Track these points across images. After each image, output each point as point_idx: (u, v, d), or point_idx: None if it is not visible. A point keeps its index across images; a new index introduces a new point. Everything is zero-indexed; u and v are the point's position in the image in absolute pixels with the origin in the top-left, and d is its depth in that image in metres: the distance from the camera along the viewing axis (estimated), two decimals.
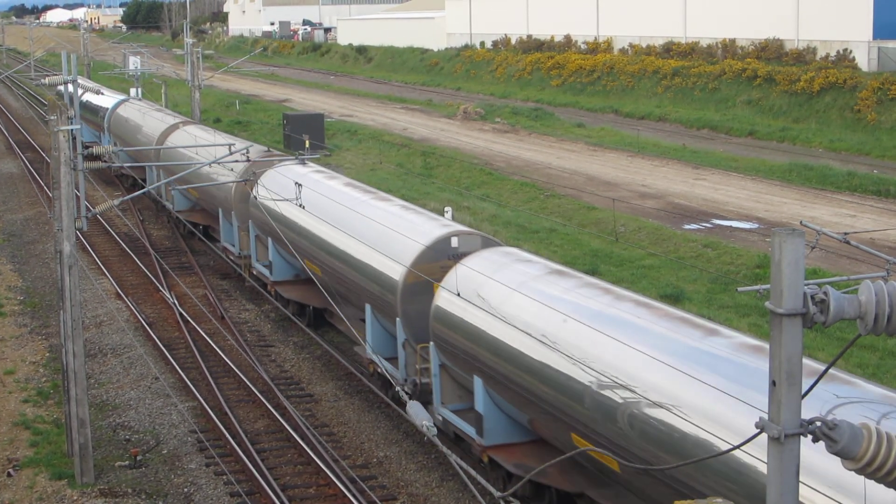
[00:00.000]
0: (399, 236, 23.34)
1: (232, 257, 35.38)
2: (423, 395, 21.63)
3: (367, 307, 24.27)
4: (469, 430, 19.90)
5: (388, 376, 20.84)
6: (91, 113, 59.30)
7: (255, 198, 30.44)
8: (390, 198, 27.58)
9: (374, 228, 24.78)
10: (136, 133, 48.42)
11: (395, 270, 22.65)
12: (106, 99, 58.58)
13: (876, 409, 11.91)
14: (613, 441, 15.07)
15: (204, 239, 39.74)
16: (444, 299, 20.31)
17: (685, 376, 14.18)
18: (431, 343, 20.95)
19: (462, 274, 20.10)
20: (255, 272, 33.33)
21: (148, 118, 48.80)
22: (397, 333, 22.74)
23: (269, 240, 31.25)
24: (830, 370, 12.27)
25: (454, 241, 21.96)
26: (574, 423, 16.08)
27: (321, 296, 27.33)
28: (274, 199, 29.14)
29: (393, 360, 23.65)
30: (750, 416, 12.18)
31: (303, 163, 32.18)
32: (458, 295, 19.73)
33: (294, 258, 28.94)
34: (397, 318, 22.56)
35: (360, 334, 24.55)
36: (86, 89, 62.82)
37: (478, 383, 19.18)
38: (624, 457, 14.74)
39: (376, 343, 24.11)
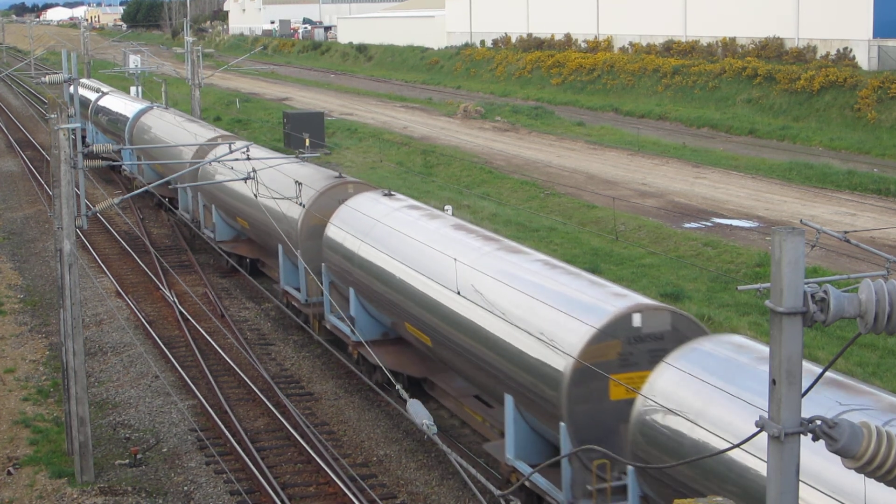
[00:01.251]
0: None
1: (296, 304, 29.62)
2: None
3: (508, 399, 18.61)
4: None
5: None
6: (109, 121, 54.32)
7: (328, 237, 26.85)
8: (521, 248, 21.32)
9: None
10: (164, 148, 41.44)
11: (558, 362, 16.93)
12: (127, 105, 53.43)
13: (880, 417, 11.87)
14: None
15: (250, 277, 35.23)
16: None
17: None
18: None
19: None
20: (328, 325, 27.45)
21: (179, 131, 42.02)
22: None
23: (351, 290, 25.77)
24: (830, 373, 12.27)
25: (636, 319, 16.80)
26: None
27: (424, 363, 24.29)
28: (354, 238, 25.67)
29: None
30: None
31: (389, 194, 26.50)
32: None
33: (385, 315, 24.71)
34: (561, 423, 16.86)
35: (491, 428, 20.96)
36: (101, 93, 58.38)
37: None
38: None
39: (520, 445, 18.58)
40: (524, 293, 18.29)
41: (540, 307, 17.72)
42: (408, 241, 23.38)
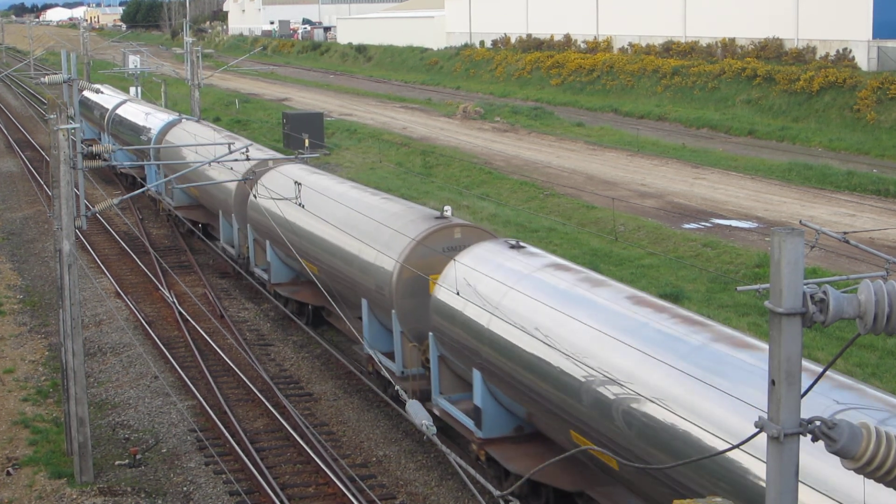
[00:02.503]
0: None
1: (386, 374, 25.41)
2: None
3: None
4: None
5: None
6: (131, 134, 49.24)
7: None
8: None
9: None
10: (201, 173, 35.62)
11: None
12: (150, 116, 48.13)
13: (876, 415, 11.88)
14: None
15: (312, 332, 30.14)
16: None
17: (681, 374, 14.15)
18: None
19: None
20: (437, 411, 22.84)
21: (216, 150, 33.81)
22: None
23: (476, 373, 20.43)
24: (830, 372, 12.29)
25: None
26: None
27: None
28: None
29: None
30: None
31: (517, 246, 20.58)
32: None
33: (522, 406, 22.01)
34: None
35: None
36: (120, 100, 53.66)
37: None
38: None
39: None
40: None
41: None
42: (565, 323, 17.12)
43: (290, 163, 32.96)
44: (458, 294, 19.80)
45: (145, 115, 49.31)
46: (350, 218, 25.63)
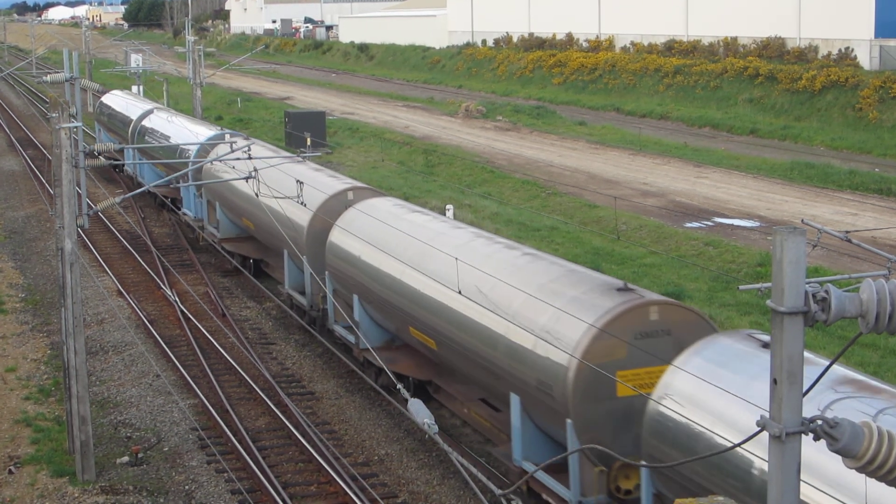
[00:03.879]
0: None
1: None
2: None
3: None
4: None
5: None
6: (162, 148, 42.53)
7: None
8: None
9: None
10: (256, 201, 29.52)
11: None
12: (187, 130, 42.21)
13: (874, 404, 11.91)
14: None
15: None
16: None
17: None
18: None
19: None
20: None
21: (282, 177, 29.17)
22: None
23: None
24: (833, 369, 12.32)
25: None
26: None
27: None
28: None
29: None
30: None
31: None
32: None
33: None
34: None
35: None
36: (147, 110, 48.27)
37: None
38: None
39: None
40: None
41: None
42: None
43: (379, 195, 27.78)
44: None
45: (180, 129, 43.43)
46: (488, 287, 19.41)
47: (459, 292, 19.55)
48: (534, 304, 17.89)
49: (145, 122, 48.11)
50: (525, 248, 20.97)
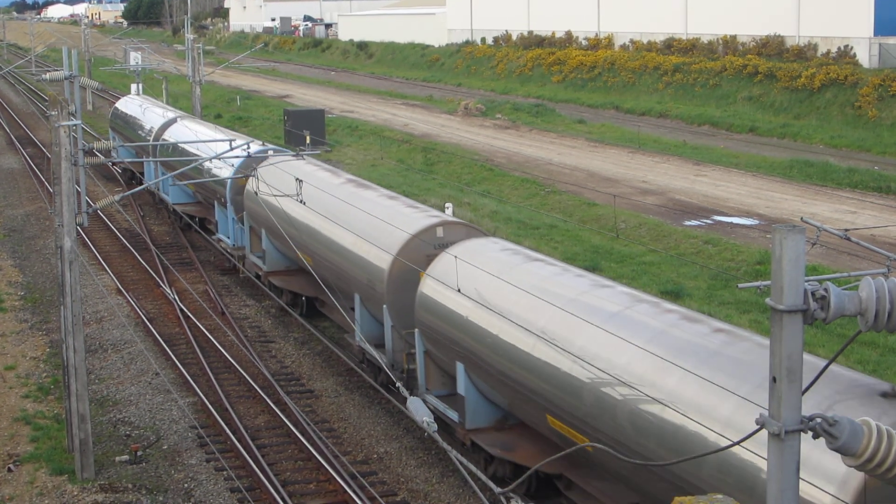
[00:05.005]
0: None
1: None
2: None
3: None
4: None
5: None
6: (194, 168, 34.36)
7: None
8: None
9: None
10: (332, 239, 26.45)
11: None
12: (218, 144, 33.75)
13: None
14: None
15: None
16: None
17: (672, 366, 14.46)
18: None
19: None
20: None
21: (356, 213, 25.72)
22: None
23: None
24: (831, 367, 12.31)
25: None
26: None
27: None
28: None
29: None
30: None
31: None
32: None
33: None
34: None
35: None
36: (170, 119, 42.86)
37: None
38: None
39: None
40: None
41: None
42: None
43: (478, 234, 23.16)
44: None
45: (213, 144, 36.04)
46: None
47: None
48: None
49: (168, 135, 42.42)
50: (714, 323, 15.96)
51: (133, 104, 52.99)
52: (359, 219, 24.82)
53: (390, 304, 22.81)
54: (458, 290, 19.69)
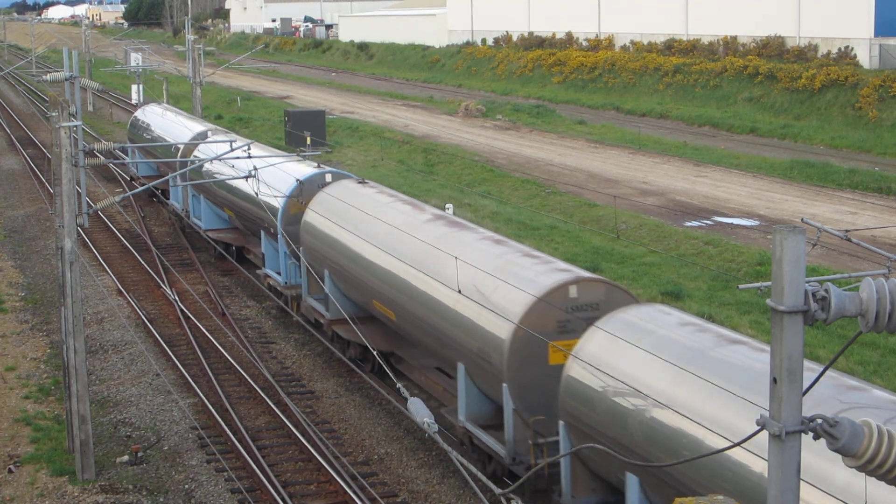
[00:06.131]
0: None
1: None
2: None
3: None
4: None
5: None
6: (229, 191, 33.78)
7: None
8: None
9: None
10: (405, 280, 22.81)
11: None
12: (275, 174, 29.65)
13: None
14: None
15: None
16: None
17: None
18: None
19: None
20: None
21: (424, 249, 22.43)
22: None
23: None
24: (831, 371, 12.26)
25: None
26: None
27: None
28: None
29: None
30: None
31: None
32: None
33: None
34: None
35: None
36: (198, 133, 37.41)
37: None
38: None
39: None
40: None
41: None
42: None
43: (633, 301, 18.81)
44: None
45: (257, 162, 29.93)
46: None
47: None
48: None
49: (200, 152, 37.17)
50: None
51: (155, 115, 48.37)
52: (460, 271, 20.14)
53: (512, 382, 18.20)
54: (629, 386, 14.96)
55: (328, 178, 29.21)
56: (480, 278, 19.61)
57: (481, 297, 19.31)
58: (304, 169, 30.59)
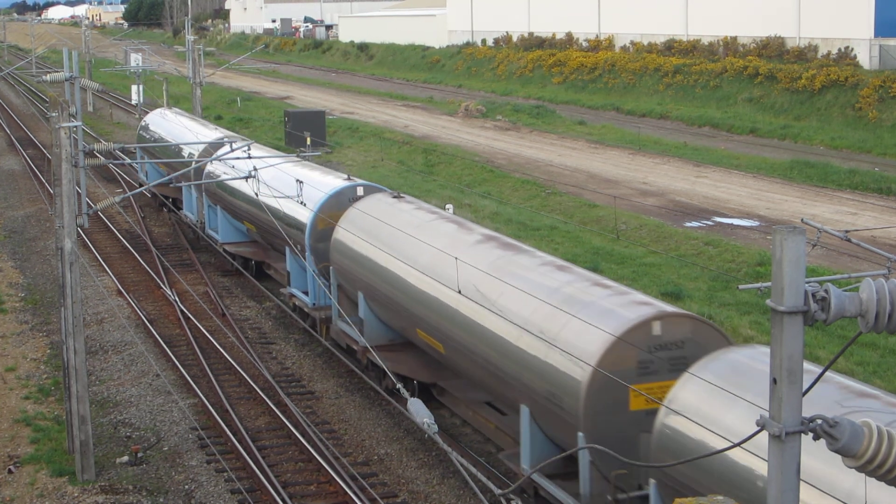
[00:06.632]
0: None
1: None
2: None
3: None
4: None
5: None
6: (252, 205, 31.66)
7: None
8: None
9: None
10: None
11: None
12: (299, 189, 28.10)
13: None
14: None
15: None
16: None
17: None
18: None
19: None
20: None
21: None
22: None
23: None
24: (830, 372, 12.21)
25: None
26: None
27: None
28: None
29: None
30: None
31: None
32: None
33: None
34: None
35: None
36: (215, 142, 33.00)
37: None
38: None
39: None
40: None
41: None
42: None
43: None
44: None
45: (284, 180, 29.28)
46: None
47: None
48: None
49: (218, 163, 33.77)
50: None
51: (166, 121, 45.57)
52: (521, 302, 18.23)
53: (589, 430, 16.16)
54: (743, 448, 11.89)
55: (360, 191, 27.26)
56: (547, 312, 17.43)
57: (549, 333, 17.09)
58: (333, 181, 28.65)
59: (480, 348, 19.26)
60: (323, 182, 28.62)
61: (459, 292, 19.45)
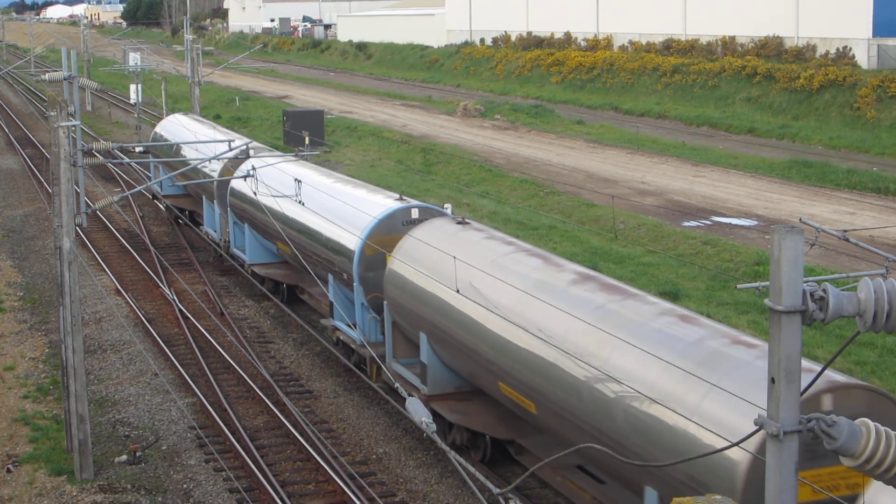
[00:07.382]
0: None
1: None
2: None
3: None
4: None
5: None
6: (285, 223, 27.96)
7: None
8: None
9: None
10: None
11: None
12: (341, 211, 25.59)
13: None
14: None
15: None
16: None
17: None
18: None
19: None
20: None
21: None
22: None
23: None
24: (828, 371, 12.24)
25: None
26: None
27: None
28: None
29: None
30: None
31: None
32: None
33: None
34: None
35: None
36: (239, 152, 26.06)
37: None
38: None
39: None
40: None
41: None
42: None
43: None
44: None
45: (322, 199, 26.78)
46: None
47: None
48: None
49: (245, 180, 28.44)
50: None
51: (182, 129, 41.09)
52: (643, 362, 15.05)
53: None
54: None
55: (414, 213, 23.92)
56: (677, 377, 14.25)
57: (684, 404, 13.97)
58: (383, 201, 25.08)
59: (589, 415, 15.82)
60: (371, 202, 25.27)
61: (559, 347, 16.42)
